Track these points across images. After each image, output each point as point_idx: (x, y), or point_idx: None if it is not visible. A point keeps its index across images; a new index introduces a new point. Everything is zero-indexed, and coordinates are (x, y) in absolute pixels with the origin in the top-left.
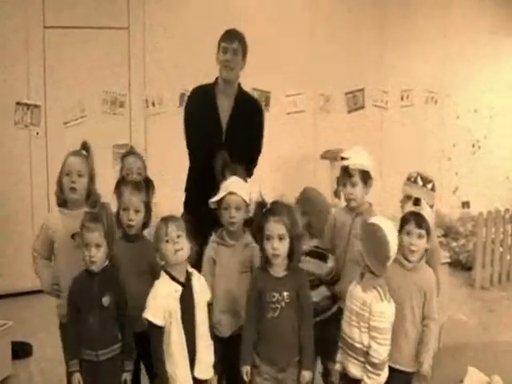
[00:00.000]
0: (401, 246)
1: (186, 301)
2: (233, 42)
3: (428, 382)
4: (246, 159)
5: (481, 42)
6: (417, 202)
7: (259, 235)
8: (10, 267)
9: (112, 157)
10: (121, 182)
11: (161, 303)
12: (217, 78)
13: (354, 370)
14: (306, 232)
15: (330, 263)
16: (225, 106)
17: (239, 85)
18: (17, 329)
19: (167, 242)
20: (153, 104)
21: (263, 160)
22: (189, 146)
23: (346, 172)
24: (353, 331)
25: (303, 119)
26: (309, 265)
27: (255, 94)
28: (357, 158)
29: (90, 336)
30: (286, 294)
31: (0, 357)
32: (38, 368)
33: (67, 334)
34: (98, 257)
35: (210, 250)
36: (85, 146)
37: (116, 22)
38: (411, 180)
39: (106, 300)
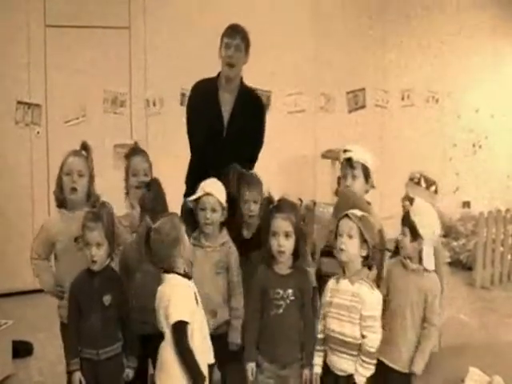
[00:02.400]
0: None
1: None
2: (235, 37)
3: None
4: (246, 155)
5: (482, 41)
6: (411, 201)
7: (265, 231)
8: (10, 266)
9: (113, 156)
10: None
11: (187, 300)
12: (219, 73)
13: (346, 365)
14: None
15: None
16: (226, 101)
17: (241, 80)
18: (17, 328)
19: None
20: (153, 103)
21: (264, 159)
22: (190, 138)
23: (348, 164)
24: (344, 326)
25: (304, 119)
26: (327, 265)
27: None
28: (361, 153)
29: (91, 335)
30: (290, 291)
31: (0, 356)
32: (38, 367)
33: (68, 333)
34: (100, 256)
35: None
36: (84, 146)
37: (117, 22)
38: (414, 181)
39: (106, 299)
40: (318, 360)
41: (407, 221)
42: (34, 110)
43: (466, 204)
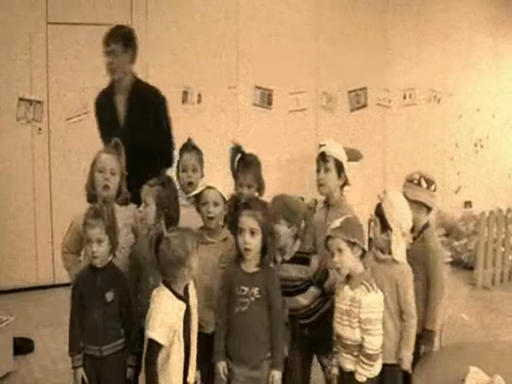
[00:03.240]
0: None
1: (187, 316)
2: (109, 44)
3: (428, 381)
4: (153, 153)
5: (483, 41)
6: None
7: (234, 229)
8: (11, 263)
9: None
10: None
11: (168, 322)
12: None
13: (349, 365)
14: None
15: (314, 265)
16: (121, 104)
17: (135, 79)
18: (18, 324)
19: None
20: None
21: (265, 158)
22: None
23: (321, 157)
24: (345, 330)
25: (306, 117)
26: (291, 271)
27: (258, 92)
28: (333, 147)
29: (94, 331)
30: (256, 289)
31: (2, 352)
32: (39, 364)
33: (71, 330)
34: (100, 252)
35: None
36: (116, 145)
37: (118, 19)
38: (414, 182)
39: (109, 295)
40: (335, 361)
41: (378, 211)
42: (36, 106)
43: (468, 204)
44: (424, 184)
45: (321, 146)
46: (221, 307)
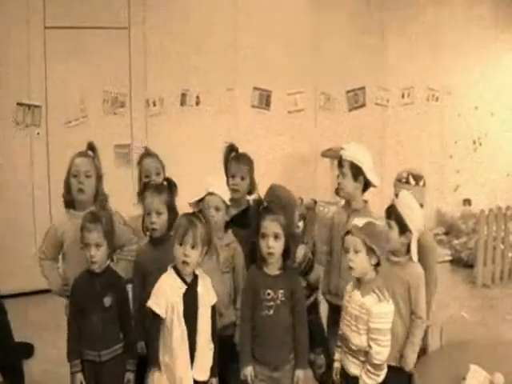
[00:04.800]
0: None
1: (190, 300)
2: None
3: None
4: None
5: (481, 39)
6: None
7: (256, 233)
8: (10, 267)
9: (113, 157)
10: (145, 187)
11: (164, 295)
12: None
13: (355, 370)
14: None
15: (299, 256)
16: None
17: None
18: (18, 329)
19: (180, 245)
20: (154, 104)
21: (264, 158)
22: None
23: (339, 162)
24: (352, 335)
25: (304, 118)
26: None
27: (256, 93)
28: (351, 151)
29: (92, 336)
30: (281, 292)
31: None
32: (39, 369)
33: (69, 335)
34: (99, 256)
35: None
36: (91, 147)
37: (116, 22)
38: (402, 181)
39: (107, 300)
40: (337, 356)
41: (394, 214)
42: (34, 111)
43: (467, 202)
44: (412, 181)
45: (342, 149)
46: (245, 312)
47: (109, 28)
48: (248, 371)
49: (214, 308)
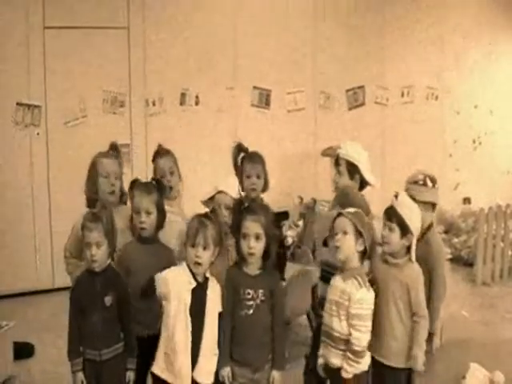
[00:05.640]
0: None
1: (198, 299)
2: None
3: (429, 378)
4: None
5: (480, 37)
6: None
7: (236, 233)
8: (11, 268)
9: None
10: (133, 185)
11: (174, 284)
12: None
13: (335, 360)
14: None
15: (288, 241)
16: None
17: None
18: (19, 329)
19: (192, 246)
20: (153, 103)
21: (264, 157)
22: None
23: (336, 161)
24: (332, 320)
25: (304, 117)
26: (324, 254)
27: (256, 93)
28: (348, 149)
29: (93, 335)
30: (261, 291)
31: (2, 357)
32: (39, 368)
33: (70, 334)
34: (99, 255)
35: None
36: (114, 147)
37: (116, 22)
38: (419, 183)
39: (108, 299)
40: (321, 351)
41: (395, 216)
42: (34, 111)
43: (467, 200)
44: (430, 183)
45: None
46: (226, 311)
47: (108, 28)
48: (225, 372)
49: (220, 315)
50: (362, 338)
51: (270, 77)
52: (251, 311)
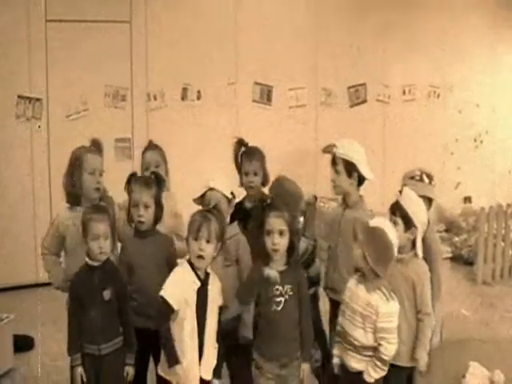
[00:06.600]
0: None
1: (201, 297)
2: None
3: (429, 377)
4: None
5: (482, 36)
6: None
7: (260, 230)
8: (11, 260)
9: (114, 150)
10: (131, 178)
11: (180, 288)
12: None
13: (356, 364)
14: None
15: (302, 247)
16: None
17: None
18: (19, 322)
19: (195, 240)
20: (155, 98)
21: (265, 153)
22: None
23: (333, 160)
24: (357, 332)
25: (305, 113)
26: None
27: (257, 88)
28: (344, 148)
29: (92, 330)
30: (288, 287)
31: (2, 350)
32: (39, 361)
33: (69, 329)
34: (107, 248)
35: None
36: (96, 143)
37: (118, 16)
38: (416, 179)
39: (106, 293)
40: (337, 351)
41: (398, 210)
42: (35, 104)
43: (468, 199)
44: (426, 179)
45: (335, 146)
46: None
47: (110, 21)
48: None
49: (220, 308)
50: (391, 348)
51: (272, 73)
52: (280, 307)
